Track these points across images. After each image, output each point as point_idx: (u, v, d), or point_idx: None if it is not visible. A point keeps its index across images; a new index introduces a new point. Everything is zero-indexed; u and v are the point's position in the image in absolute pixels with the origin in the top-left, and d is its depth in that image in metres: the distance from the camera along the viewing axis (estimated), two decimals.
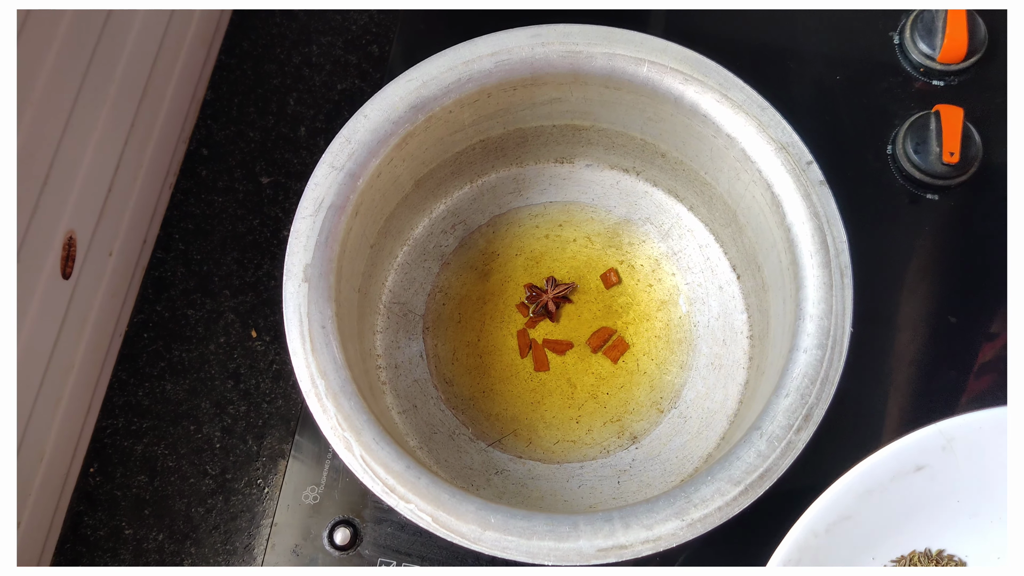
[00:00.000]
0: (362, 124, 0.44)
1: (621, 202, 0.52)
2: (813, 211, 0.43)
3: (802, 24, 0.58)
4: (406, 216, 0.51)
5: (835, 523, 0.44)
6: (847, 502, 0.44)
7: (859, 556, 0.45)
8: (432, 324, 0.51)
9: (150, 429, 0.52)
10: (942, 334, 0.52)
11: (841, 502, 0.44)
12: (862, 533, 0.45)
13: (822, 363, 0.41)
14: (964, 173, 0.53)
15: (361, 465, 0.40)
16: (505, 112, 0.47)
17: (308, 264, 0.42)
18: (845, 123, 0.55)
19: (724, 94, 0.44)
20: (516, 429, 0.49)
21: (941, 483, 0.45)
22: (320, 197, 0.43)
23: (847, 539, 0.44)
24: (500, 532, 0.39)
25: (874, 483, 0.44)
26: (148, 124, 0.53)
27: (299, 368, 0.41)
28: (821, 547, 0.44)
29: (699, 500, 0.39)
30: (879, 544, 0.45)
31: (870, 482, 0.44)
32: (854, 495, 0.44)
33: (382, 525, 0.49)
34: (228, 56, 0.59)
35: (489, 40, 0.45)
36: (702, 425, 0.48)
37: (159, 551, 0.50)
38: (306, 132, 0.57)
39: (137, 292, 0.54)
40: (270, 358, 0.53)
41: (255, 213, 0.56)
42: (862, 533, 0.45)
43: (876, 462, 0.44)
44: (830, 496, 0.44)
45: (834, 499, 0.44)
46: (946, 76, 0.56)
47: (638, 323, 0.51)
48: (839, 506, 0.44)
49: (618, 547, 0.38)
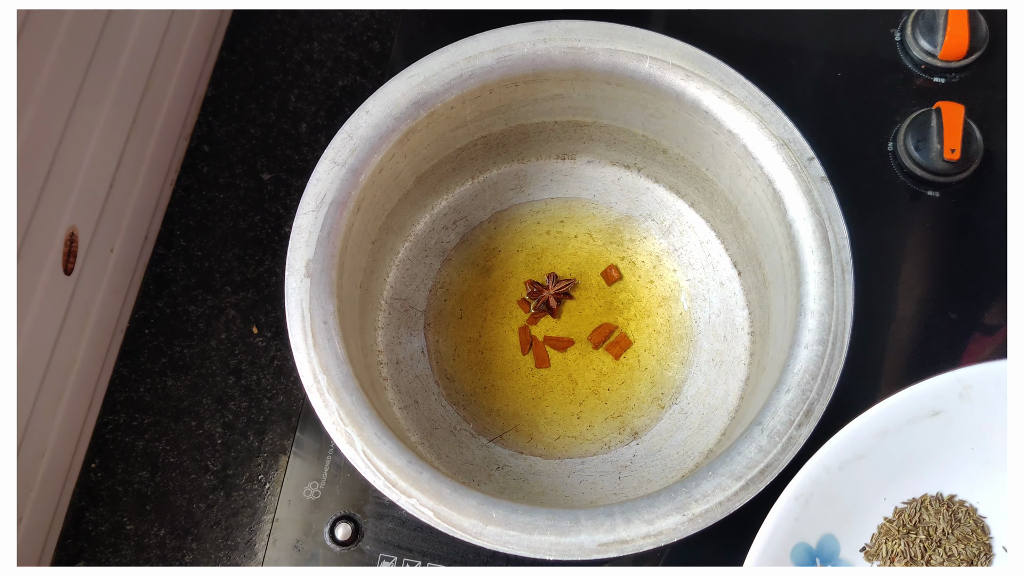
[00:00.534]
0: (364, 120, 0.44)
1: (622, 198, 0.52)
2: (814, 207, 0.43)
3: (803, 22, 0.58)
4: (407, 212, 0.51)
5: (848, 461, 0.44)
6: (862, 441, 0.44)
7: (871, 495, 0.45)
8: (433, 320, 0.51)
9: (151, 425, 0.52)
10: (942, 330, 0.52)
11: (856, 441, 0.44)
12: (875, 473, 0.45)
13: (823, 359, 0.41)
14: (965, 170, 0.53)
15: (363, 460, 0.40)
16: (507, 108, 0.47)
17: (310, 259, 0.42)
18: (846, 120, 0.56)
19: (726, 90, 0.44)
20: (517, 425, 0.49)
21: (956, 429, 0.45)
22: (322, 193, 0.43)
23: (860, 477, 0.45)
24: (501, 527, 0.39)
25: (890, 424, 0.45)
26: (149, 121, 0.53)
27: (301, 363, 0.41)
28: (833, 483, 0.44)
29: (700, 495, 0.39)
30: (891, 484, 0.46)
31: (886, 423, 0.45)
32: (869, 435, 0.44)
33: (383, 520, 0.49)
34: (229, 53, 0.59)
35: (491, 36, 0.45)
36: (703, 421, 0.48)
37: (160, 547, 0.50)
38: (307, 128, 0.57)
39: (138, 288, 0.54)
40: (271, 354, 0.53)
41: (256, 209, 0.56)
42: (875, 473, 0.45)
43: (893, 404, 0.45)
44: (845, 434, 0.44)
45: (849, 437, 0.44)
46: (947, 73, 0.56)
47: (639, 319, 0.51)
48: (854, 445, 0.44)
49: (619, 541, 0.38)
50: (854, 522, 0.45)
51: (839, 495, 0.44)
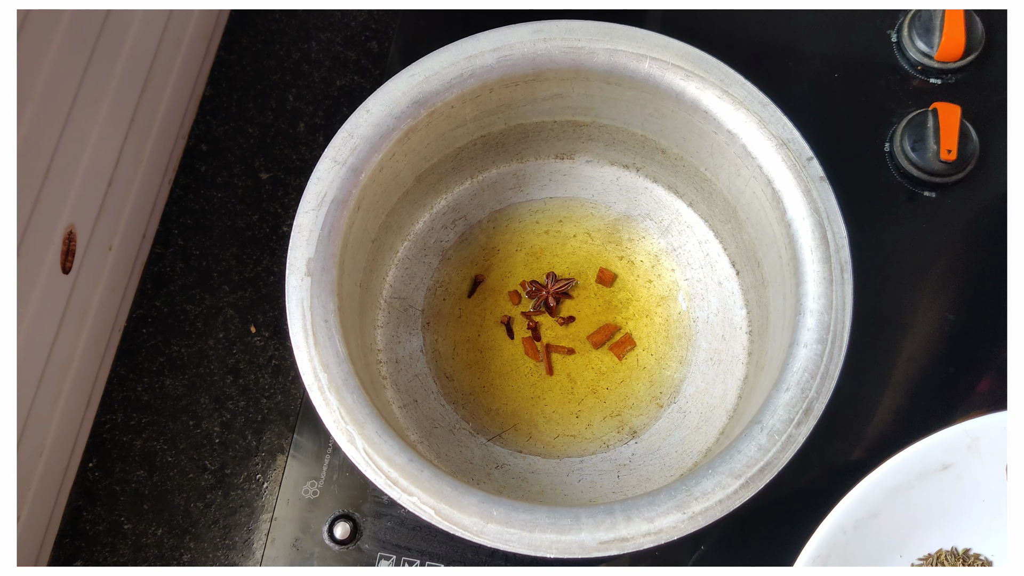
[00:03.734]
0: (364, 119, 0.44)
1: (621, 198, 0.53)
2: (813, 207, 0.43)
3: (800, 23, 0.58)
4: (407, 211, 0.51)
5: (863, 520, 0.44)
6: (875, 499, 0.44)
7: (887, 554, 0.45)
8: (432, 319, 0.51)
9: (149, 424, 0.52)
10: (940, 331, 0.52)
11: (869, 499, 0.44)
12: (890, 531, 0.45)
13: (822, 358, 0.41)
14: (961, 170, 0.53)
15: (364, 458, 0.40)
16: (506, 108, 0.48)
17: (311, 258, 0.42)
18: (843, 121, 0.56)
19: (725, 90, 0.44)
20: (516, 424, 0.49)
21: (967, 482, 0.45)
22: (323, 191, 0.43)
23: (875, 536, 0.45)
24: (502, 525, 0.39)
25: (901, 480, 0.45)
26: (148, 120, 0.53)
27: (302, 362, 0.41)
28: (849, 543, 0.44)
29: (700, 493, 0.39)
30: (906, 542, 0.46)
31: (897, 479, 0.45)
32: (882, 492, 0.44)
33: (382, 519, 0.49)
34: (227, 52, 0.59)
35: (491, 35, 0.45)
36: (701, 420, 0.48)
37: (158, 546, 0.50)
38: (305, 128, 0.57)
39: (136, 287, 0.54)
40: (269, 353, 0.53)
41: (254, 209, 0.56)
42: (890, 531, 0.45)
43: (903, 459, 0.44)
44: (858, 493, 0.44)
45: (862, 496, 0.44)
46: (943, 74, 0.56)
47: (638, 319, 0.51)
48: (867, 503, 0.44)
49: (620, 539, 0.38)
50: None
51: (856, 555, 0.44)
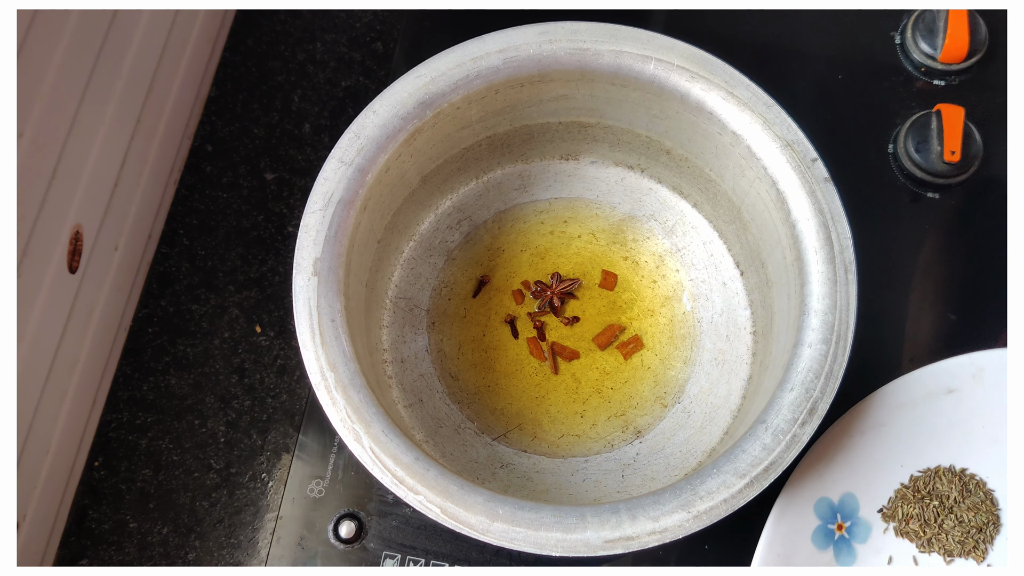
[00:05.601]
0: (371, 120, 0.44)
1: (626, 199, 0.53)
2: (818, 207, 0.43)
3: (804, 24, 0.58)
4: (412, 211, 0.51)
5: (869, 427, 0.48)
6: (882, 410, 0.48)
7: (889, 461, 0.49)
8: (437, 319, 0.51)
9: (155, 423, 0.52)
10: (942, 331, 0.52)
11: (876, 409, 0.48)
12: (894, 441, 0.48)
13: (826, 358, 0.41)
14: (965, 172, 0.54)
15: (371, 457, 0.40)
16: (512, 109, 0.48)
17: (318, 258, 0.42)
18: (847, 122, 0.56)
19: (730, 91, 0.44)
20: (521, 423, 0.50)
21: (969, 407, 0.49)
22: (329, 192, 0.43)
23: (880, 443, 0.48)
24: (508, 523, 0.39)
25: (907, 398, 0.48)
26: (153, 120, 0.54)
27: (309, 361, 0.41)
28: (855, 446, 0.47)
29: (705, 492, 0.39)
30: (908, 453, 0.49)
31: (903, 396, 0.48)
32: (887, 406, 0.48)
33: (387, 518, 0.49)
34: (233, 53, 0.59)
35: (497, 37, 0.45)
36: (705, 420, 0.49)
37: (163, 544, 0.50)
38: (310, 129, 0.57)
39: (142, 287, 0.54)
40: (274, 353, 0.53)
41: (259, 209, 0.56)
42: (894, 441, 0.48)
43: (911, 379, 0.48)
44: (865, 404, 0.48)
45: (869, 407, 0.48)
46: (947, 76, 0.56)
47: (642, 319, 0.51)
48: (873, 413, 0.48)
49: (625, 538, 0.39)
50: (873, 485, 0.48)
51: (860, 458, 0.48)
